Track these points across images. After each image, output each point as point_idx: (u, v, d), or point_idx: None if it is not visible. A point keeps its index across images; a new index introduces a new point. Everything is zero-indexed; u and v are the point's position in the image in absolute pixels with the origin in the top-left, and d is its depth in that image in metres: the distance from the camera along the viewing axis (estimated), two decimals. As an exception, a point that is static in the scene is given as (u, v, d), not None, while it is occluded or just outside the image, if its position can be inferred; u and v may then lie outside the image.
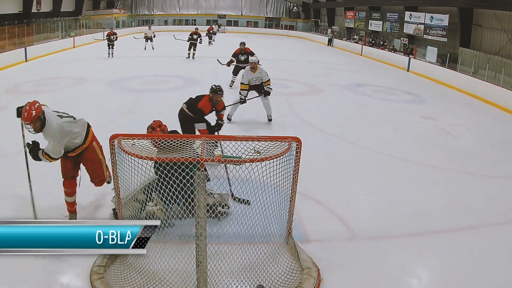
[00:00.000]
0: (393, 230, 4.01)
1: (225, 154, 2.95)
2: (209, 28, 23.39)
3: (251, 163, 2.84)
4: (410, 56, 17.41)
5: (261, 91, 7.26)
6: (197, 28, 17.14)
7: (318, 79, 12.43)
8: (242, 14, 36.35)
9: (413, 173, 5.52)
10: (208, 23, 35.03)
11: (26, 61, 13.94)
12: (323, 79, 12.63)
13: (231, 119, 7.17)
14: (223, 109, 5.53)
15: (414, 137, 7.25)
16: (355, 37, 26.11)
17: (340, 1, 28.63)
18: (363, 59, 19.59)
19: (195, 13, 36.04)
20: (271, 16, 36.40)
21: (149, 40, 18.59)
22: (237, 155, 2.86)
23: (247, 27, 35.06)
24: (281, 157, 2.99)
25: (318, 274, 3.11)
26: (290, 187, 3.22)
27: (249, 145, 2.98)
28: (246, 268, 3.09)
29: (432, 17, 18.23)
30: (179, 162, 2.75)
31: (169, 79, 11.47)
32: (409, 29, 20.17)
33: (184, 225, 3.35)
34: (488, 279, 3.32)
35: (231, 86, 10.04)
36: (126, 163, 2.93)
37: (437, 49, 17.00)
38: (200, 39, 15.77)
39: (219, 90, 5.25)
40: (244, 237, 3.16)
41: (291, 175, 3.17)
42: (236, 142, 3.00)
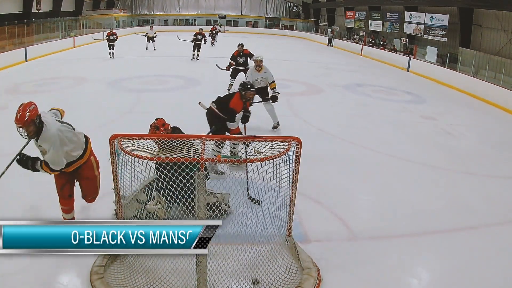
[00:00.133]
0: (393, 230, 4.02)
1: (225, 154, 2.95)
2: (212, 28, 22.93)
3: (251, 163, 2.84)
4: (410, 56, 17.41)
5: (265, 97, 6.73)
6: (201, 28, 16.77)
7: (318, 79, 12.43)
8: (242, 14, 36.35)
9: (413, 173, 5.52)
10: (208, 23, 35.03)
11: (26, 61, 13.95)
12: (323, 79, 12.63)
13: None
14: (250, 104, 5.36)
15: (414, 137, 7.24)
16: (355, 37, 26.11)
17: (340, 1, 28.63)
18: (363, 59, 19.59)
19: (195, 13, 36.05)
20: (271, 16, 36.41)
21: (150, 40, 18.36)
22: (237, 155, 2.86)
23: (247, 27, 35.07)
24: (281, 157, 2.99)
25: (318, 274, 3.12)
26: (290, 187, 3.22)
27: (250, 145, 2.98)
28: (246, 268, 3.09)
29: (432, 17, 18.24)
30: (179, 162, 2.75)
31: (169, 79, 11.47)
32: (409, 29, 20.17)
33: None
34: (488, 279, 3.32)
35: (229, 89, 9.56)
36: (126, 163, 2.93)
37: (437, 49, 17.01)
38: (204, 40, 15.47)
39: (251, 86, 5.10)
40: (244, 237, 3.16)
41: (291, 175, 3.17)
42: (236, 142, 3.00)
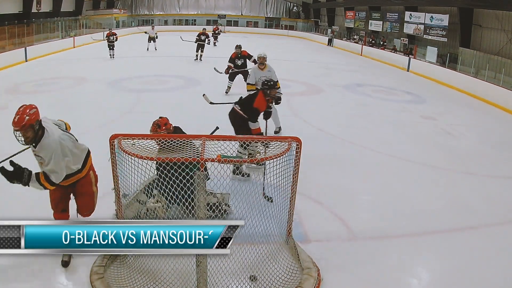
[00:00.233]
0: (393, 230, 4.02)
1: (225, 154, 2.95)
2: (214, 28, 22.54)
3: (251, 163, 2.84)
4: (410, 56, 17.42)
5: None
6: (205, 28, 16.40)
7: (318, 79, 12.43)
8: (242, 14, 36.35)
9: (413, 173, 5.52)
10: (208, 23, 35.00)
11: (26, 61, 13.95)
12: (323, 79, 12.63)
13: None
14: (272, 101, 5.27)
15: (414, 137, 7.25)
16: (355, 37, 26.11)
17: (340, 1, 28.63)
18: (363, 59, 19.59)
19: (195, 13, 36.05)
20: (271, 16, 36.40)
21: (152, 40, 18.04)
22: (237, 155, 2.86)
23: (247, 27, 35.06)
24: (281, 157, 3.00)
25: (318, 274, 3.12)
26: (290, 187, 3.22)
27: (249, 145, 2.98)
28: (246, 268, 3.09)
29: (432, 17, 18.24)
30: (179, 162, 2.75)
31: (169, 79, 11.47)
32: (409, 29, 20.17)
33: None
34: (488, 279, 3.32)
35: (227, 92, 9.40)
36: (126, 163, 2.93)
37: (437, 49, 17.01)
38: (208, 40, 15.17)
39: (274, 83, 5.06)
40: (244, 237, 3.16)
41: (291, 175, 3.18)
42: (236, 142, 3.00)
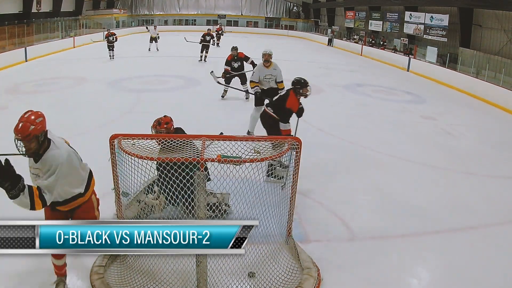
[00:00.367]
0: (393, 230, 4.02)
1: (225, 154, 2.94)
2: (217, 28, 22.17)
3: (251, 163, 2.84)
4: (410, 56, 17.42)
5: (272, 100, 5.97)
6: (210, 29, 16.08)
7: (318, 79, 12.42)
8: (242, 14, 36.35)
9: (413, 173, 5.52)
10: (208, 23, 34.98)
11: (26, 61, 13.95)
12: (323, 79, 12.63)
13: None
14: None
15: (414, 137, 7.24)
16: (355, 37, 26.12)
17: (340, 1, 28.64)
18: (363, 59, 19.58)
19: (195, 13, 36.05)
20: (271, 16, 36.40)
21: (153, 41, 17.85)
22: (237, 155, 2.85)
23: (247, 27, 35.06)
24: (281, 157, 2.99)
25: (318, 274, 3.12)
26: (290, 187, 3.22)
27: (249, 145, 2.98)
28: (246, 268, 3.09)
29: (432, 17, 18.25)
30: (179, 162, 2.75)
31: (169, 79, 11.47)
32: (409, 29, 20.18)
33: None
34: (488, 279, 3.32)
35: (223, 97, 9.11)
36: (126, 163, 2.94)
37: (437, 49, 17.01)
38: (213, 41, 14.75)
39: (306, 81, 4.91)
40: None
41: (291, 175, 3.18)
42: (236, 142, 3.00)
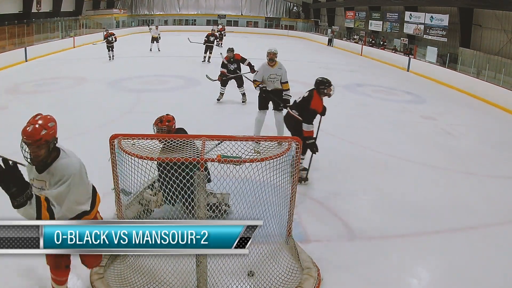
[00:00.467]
0: (393, 230, 4.01)
1: (225, 154, 2.94)
2: (220, 28, 21.82)
3: (251, 163, 2.83)
4: (410, 56, 17.43)
5: (278, 105, 5.82)
6: (214, 29, 15.79)
7: (318, 79, 12.41)
8: (242, 14, 36.34)
9: (413, 173, 5.52)
10: (208, 23, 34.98)
11: (26, 61, 13.95)
12: (323, 79, 12.61)
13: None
14: None
15: (414, 137, 7.24)
16: (355, 37, 26.12)
17: (340, 1, 28.64)
18: (363, 59, 19.58)
19: (195, 13, 36.05)
20: (271, 16, 36.40)
21: (154, 41, 17.70)
22: (237, 155, 2.85)
23: (247, 27, 35.07)
24: (281, 157, 2.99)
25: (318, 274, 3.12)
26: (290, 187, 3.22)
27: (249, 145, 2.98)
28: (246, 268, 3.09)
29: (432, 17, 18.25)
30: (179, 162, 2.75)
31: (169, 79, 11.47)
32: (409, 29, 20.19)
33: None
34: (488, 279, 3.32)
35: (219, 100, 8.77)
36: (126, 163, 2.93)
37: (437, 49, 17.01)
38: (217, 42, 14.45)
39: (330, 81, 4.98)
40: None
41: (291, 175, 3.17)
42: (236, 142, 3.00)
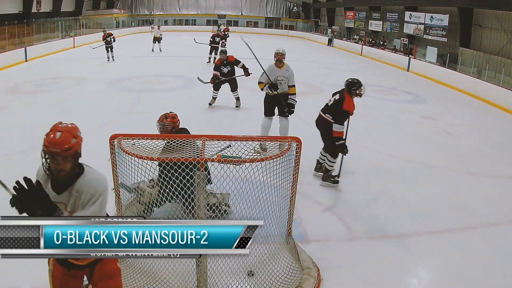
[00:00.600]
0: (393, 230, 4.01)
1: (225, 154, 2.94)
2: (224, 29, 21.19)
3: (251, 163, 2.83)
4: (410, 56, 17.43)
5: (284, 110, 5.62)
6: (219, 29, 15.59)
7: (318, 79, 12.42)
8: (242, 14, 36.36)
9: (413, 173, 5.52)
10: (208, 23, 34.98)
11: (26, 61, 13.96)
12: (323, 79, 12.62)
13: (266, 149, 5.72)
14: None
15: (414, 137, 7.24)
16: (355, 37, 26.13)
17: (340, 1, 28.65)
18: (363, 59, 19.58)
19: (195, 13, 36.06)
20: (271, 16, 36.42)
21: (156, 41, 17.62)
22: (237, 155, 2.85)
23: (247, 27, 35.06)
24: (281, 157, 2.99)
25: (318, 274, 3.12)
26: (290, 187, 3.21)
27: (249, 145, 2.98)
28: (246, 268, 3.09)
29: (432, 17, 18.26)
30: (179, 162, 2.75)
31: (169, 79, 11.47)
32: (409, 29, 20.19)
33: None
34: (488, 279, 3.32)
35: (211, 104, 8.41)
36: (126, 163, 2.93)
37: (437, 49, 17.02)
38: (222, 42, 14.12)
39: (360, 81, 4.99)
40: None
41: (291, 175, 3.17)
42: (236, 142, 3.00)
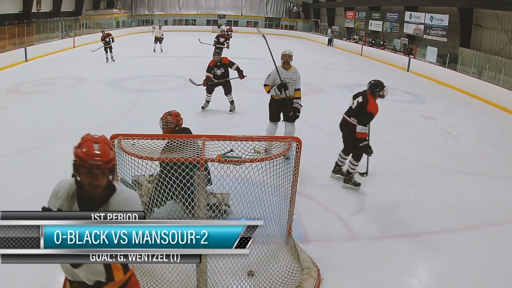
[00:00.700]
0: (393, 230, 4.01)
1: (224, 153, 2.94)
2: (228, 29, 21.27)
3: (251, 163, 2.83)
4: (410, 56, 17.42)
5: (289, 115, 5.50)
6: (223, 30, 15.55)
7: (318, 79, 12.42)
8: (242, 14, 36.36)
9: (413, 173, 5.52)
10: (208, 23, 35.00)
11: (26, 61, 13.95)
12: (323, 79, 12.62)
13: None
14: None
15: (414, 137, 7.24)
16: (355, 37, 26.12)
17: (340, 1, 28.65)
18: (363, 59, 19.58)
19: (195, 13, 36.06)
20: (271, 16, 36.42)
21: (158, 41, 17.56)
22: (237, 155, 2.85)
23: (247, 27, 35.06)
24: (281, 157, 2.99)
25: (318, 274, 3.11)
26: (290, 187, 3.21)
27: (249, 145, 2.98)
28: (246, 268, 3.09)
29: (432, 17, 18.26)
30: (179, 162, 2.75)
31: (169, 79, 11.47)
32: (409, 29, 20.19)
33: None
34: (488, 279, 3.32)
35: (204, 108, 7.99)
36: (126, 163, 2.93)
37: (437, 49, 17.02)
38: (227, 43, 13.93)
39: (382, 82, 4.94)
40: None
41: (291, 175, 3.17)
42: (236, 142, 3.00)
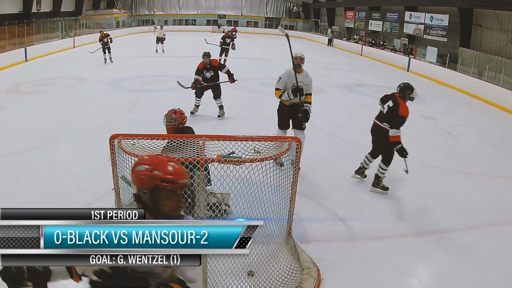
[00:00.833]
0: (393, 230, 4.01)
1: (225, 154, 2.94)
2: (232, 29, 20.70)
3: (251, 163, 2.83)
4: (410, 56, 17.42)
5: (300, 122, 5.33)
6: (229, 30, 15.28)
7: (318, 79, 12.37)
8: (242, 14, 36.35)
9: (413, 173, 5.50)
10: (208, 23, 34.99)
11: (26, 61, 13.96)
12: (323, 79, 12.61)
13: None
14: None
15: (414, 137, 7.22)
16: (355, 37, 26.12)
17: (340, 1, 28.65)
18: (363, 59, 19.58)
19: (195, 13, 36.06)
20: (271, 16, 36.40)
21: (159, 41, 17.49)
22: (237, 155, 2.85)
23: (247, 27, 35.05)
24: (281, 157, 2.99)
25: (318, 274, 3.11)
26: (290, 187, 3.21)
27: (249, 145, 2.98)
28: (246, 268, 3.09)
29: (432, 17, 18.25)
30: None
31: (169, 79, 11.44)
32: (409, 29, 20.18)
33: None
34: (488, 279, 3.32)
35: (193, 113, 7.62)
36: (126, 163, 2.93)
37: (437, 49, 17.01)
38: (233, 44, 13.87)
39: (411, 85, 4.81)
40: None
41: (291, 175, 3.17)
42: (236, 142, 2.99)
